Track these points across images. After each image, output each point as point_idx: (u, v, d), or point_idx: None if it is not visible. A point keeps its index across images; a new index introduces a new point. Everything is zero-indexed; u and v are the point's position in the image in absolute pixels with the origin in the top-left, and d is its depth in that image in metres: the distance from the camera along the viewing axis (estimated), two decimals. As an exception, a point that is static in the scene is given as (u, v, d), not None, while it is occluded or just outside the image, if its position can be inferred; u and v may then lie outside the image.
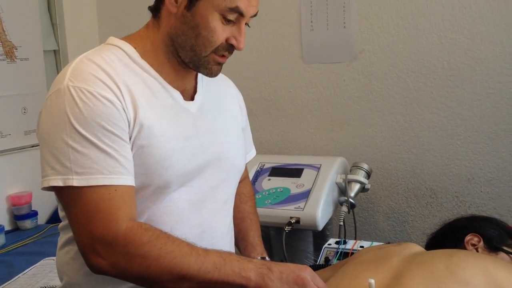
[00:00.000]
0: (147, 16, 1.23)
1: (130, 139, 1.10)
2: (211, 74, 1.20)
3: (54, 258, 2.09)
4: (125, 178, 1.07)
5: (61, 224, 1.25)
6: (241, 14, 1.13)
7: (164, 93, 1.18)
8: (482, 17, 2.14)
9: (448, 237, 1.50)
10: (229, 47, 1.17)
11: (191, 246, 1.07)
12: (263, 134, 2.61)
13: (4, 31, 2.51)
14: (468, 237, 1.45)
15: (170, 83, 1.20)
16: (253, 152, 1.56)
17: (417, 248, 1.37)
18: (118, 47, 1.18)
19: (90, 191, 1.03)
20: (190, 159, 1.18)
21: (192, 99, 1.25)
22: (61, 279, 1.25)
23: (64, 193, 1.06)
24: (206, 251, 1.07)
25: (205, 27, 1.13)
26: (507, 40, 2.12)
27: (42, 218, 2.67)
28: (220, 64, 1.20)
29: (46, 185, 1.06)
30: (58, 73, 2.80)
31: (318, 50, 2.46)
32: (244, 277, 1.05)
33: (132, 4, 2.80)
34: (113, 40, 1.21)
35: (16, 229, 2.55)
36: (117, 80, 1.10)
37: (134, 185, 1.10)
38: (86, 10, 2.94)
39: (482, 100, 2.19)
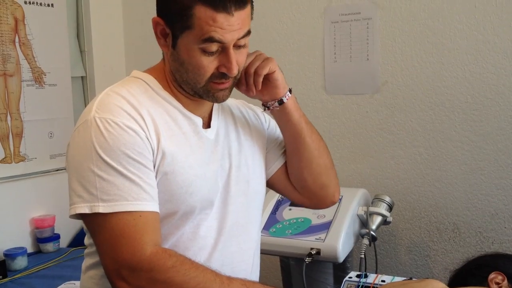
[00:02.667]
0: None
1: (154, 167, 1.12)
2: (217, 100, 1.20)
3: (75, 282, 2.13)
4: (150, 204, 1.09)
5: (86, 250, 1.28)
6: (219, 42, 1.11)
7: (186, 122, 1.21)
8: (507, 52, 2.14)
9: (471, 274, 1.48)
10: (223, 75, 1.15)
11: (215, 273, 1.08)
12: (285, 163, 2.61)
13: (34, 57, 2.58)
14: (492, 275, 1.43)
15: (190, 111, 1.22)
16: None
17: (440, 285, 1.35)
18: (141, 79, 1.22)
19: (116, 217, 1.06)
20: (212, 184, 1.21)
21: (208, 126, 1.27)
22: (84, 304, 1.27)
23: (91, 220, 1.08)
24: (230, 279, 1.08)
25: (190, 62, 1.13)
26: (532, 75, 2.11)
27: (64, 242, 2.70)
28: (224, 90, 1.18)
29: (73, 213, 1.09)
30: (85, 99, 2.90)
31: (341, 81, 2.47)
32: None
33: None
34: (136, 73, 1.25)
35: (38, 251, 2.58)
36: (141, 110, 1.13)
37: (159, 211, 1.12)
38: (114, 38, 3.01)
39: (507, 135, 2.18)
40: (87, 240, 1.26)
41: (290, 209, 2.21)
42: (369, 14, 2.37)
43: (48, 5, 2.63)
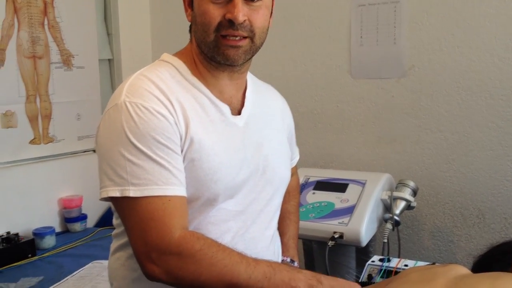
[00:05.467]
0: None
1: (181, 152, 1.14)
2: (227, 58, 1.18)
3: (102, 261, 2.18)
4: (178, 188, 1.11)
5: (114, 232, 1.30)
6: None
7: (213, 108, 1.22)
8: (538, 37, 2.11)
9: (495, 260, 1.47)
10: (230, 24, 1.14)
11: (241, 255, 1.09)
12: (309, 147, 2.62)
13: (62, 40, 2.61)
14: (516, 262, 1.42)
15: (218, 97, 1.23)
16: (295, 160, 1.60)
17: (464, 270, 1.35)
18: (171, 63, 1.23)
19: (145, 201, 1.08)
20: (237, 172, 1.22)
21: (239, 113, 1.28)
22: (111, 284, 1.31)
23: (121, 203, 1.10)
24: (256, 260, 1.10)
25: (200, 14, 1.16)
26: (563, 60, 2.07)
27: (90, 222, 2.76)
28: (234, 47, 1.17)
29: (105, 196, 1.11)
30: (111, 81, 2.94)
31: (367, 66, 2.46)
32: (294, 287, 1.07)
33: (184, 17, 2.86)
34: (166, 56, 1.26)
35: (66, 231, 2.64)
36: (170, 96, 1.15)
37: (186, 195, 1.14)
38: (140, 22, 3.04)
39: (535, 121, 2.15)
40: (115, 220, 1.29)
41: (313, 193, 2.22)
42: (397, -3, 2.34)
43: (76, -12, 2.66)
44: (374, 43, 2.42)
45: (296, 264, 1.49)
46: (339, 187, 2.20)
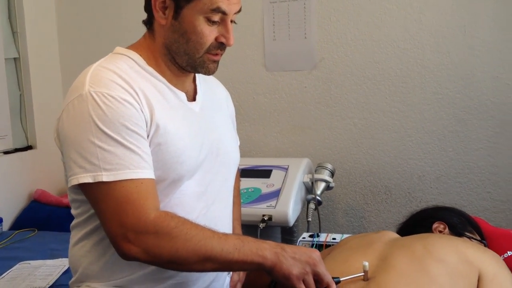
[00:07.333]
0: (105, 25, 1.31)
1: (147, 137, 1.21)
2: (208, 72, 1.30)
3: (29, 262, 2.15)
4: (148, 172, 1.18)
5: (74, 222, 1.33)
6: (224, 13, 1.24)
7: (172, 95, 1.30)
8: (431, 29, 2.38)
9: (417, 225, 1.68)
10: (220, 45, 1.26)
11: (212, 231, 1.18)
12: (228, 138, 2.72)
13: (-33, 39, 2.50)
14: (435, 225, 1.63)
15: (174, 85, 1.31)
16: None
17: (394, 235, 1.55)
18: (127, 55, 1.29)
19: (119, 185, 1.13)
20: (198, 154, 1.31)
21: (193, 99, 1.37)
22: (74, 272, 1.34)
23: (93, 189, 1.15)
24: (226, 234, 1.20)
25: (193, 31, 1.24)
26: (453, 50, 2.36)
27: (5, 225, 2.66)
28: (216, 62, 1.29)
29: (76, 183, 1.15)
30: (18, 80, 2.83)
31: (280, 59, 2.61)
32: (261, 255, 1.17)
33: (90, 14, 2.85)
34: (120, 49, 1.31)
35: (-20, 236, 2.53)
36: (132, 84, 1.21)
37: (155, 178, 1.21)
38: (46, 19, 2.96)
39: (431, 105, 2.42)
40: (74, 210, 1.32)
41: (240, 180, 2.33)
42: (306, -5, 2.52)
43: (-20, -15, 2.56)
44: (286, 38, 2.58)
45: None
46: (264, 173, 2.34)
